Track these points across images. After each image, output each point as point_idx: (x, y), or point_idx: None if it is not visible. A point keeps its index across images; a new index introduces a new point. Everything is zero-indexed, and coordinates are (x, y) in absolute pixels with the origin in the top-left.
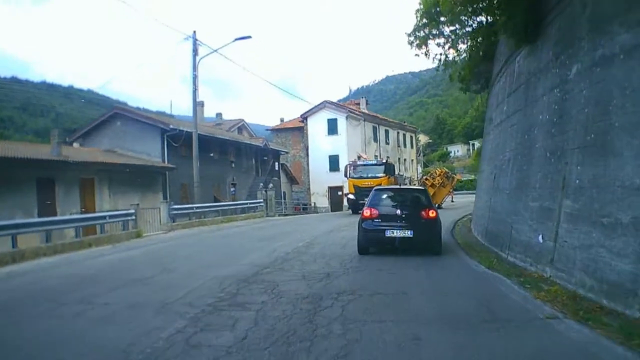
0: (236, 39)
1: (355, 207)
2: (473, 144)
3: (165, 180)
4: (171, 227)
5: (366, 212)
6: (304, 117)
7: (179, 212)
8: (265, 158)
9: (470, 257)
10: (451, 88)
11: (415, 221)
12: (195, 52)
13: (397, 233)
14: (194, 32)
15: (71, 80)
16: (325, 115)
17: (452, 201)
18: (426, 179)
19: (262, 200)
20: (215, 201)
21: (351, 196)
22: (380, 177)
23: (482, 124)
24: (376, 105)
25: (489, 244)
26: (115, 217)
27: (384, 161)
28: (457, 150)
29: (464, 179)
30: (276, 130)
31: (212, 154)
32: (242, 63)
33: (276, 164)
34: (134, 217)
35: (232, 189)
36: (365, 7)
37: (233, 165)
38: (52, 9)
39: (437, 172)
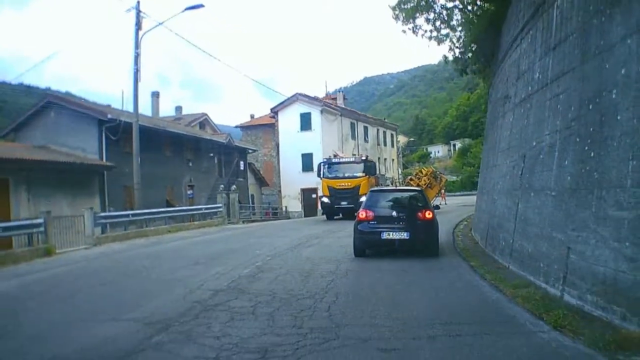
0: (186, 9)
1: (331, 212)
2: (454, 145)
3: (103, 182)
4: (98, 240)
5: (362, 213)
6: (274, 112)
7: (110, 220)
8: (230, 157)
9: (509, 298)
10: (430, 88)
11: (411, 223)
12: (138, 25)
13: (394, 235)
14: (138, 2)
15: (48, 82)
16: (297, 109)
17: (445, 203)
18: (411, 180)
19: (221, 204)
20: (168, 206)
21: (325, 199)
22: (359, 177)
23: (464, 123)
24: (354, 107)
25: (519, 269)
26: (12, 229)
27: (364, 158)
28: (438, 150)
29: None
30: (245, 128)
31: (164, 151)
32: (216, 66)
33: (242, 163)
34: (42, 229)
35: (189, 192)
36: (345, 8)
37: (190, 164)
38: (32, 12)
39: (424, 172)
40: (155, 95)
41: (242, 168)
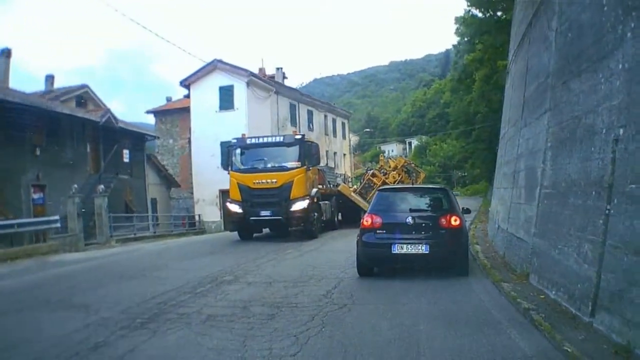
0: None
1: (245, 227)
2: (410, 142)
3: None
4: None
5: (366, 220)
6: (186, 84)
7: None
8: (119, 145)
9: None
10: (381, 89)
11: (432, 232)
12: None
13: (408, 248)
14: None
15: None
16: (216, 80)
17: None
18: (373, 175)
19: (57, 217)
20: None
21: (235, 207)
22: (292, 168)
23: (421, 119)
24: None
25: None
26: None
27: (298, 137)
28: (392, 149)
29: None
30: (160, 113)
31: None
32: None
33: (126, 152)
34: None
35: (36, 195)
36: (295, 7)
37: (39, 152)
38: None
39: (392, 164)
40: (5, 54)
41: (127, 160)
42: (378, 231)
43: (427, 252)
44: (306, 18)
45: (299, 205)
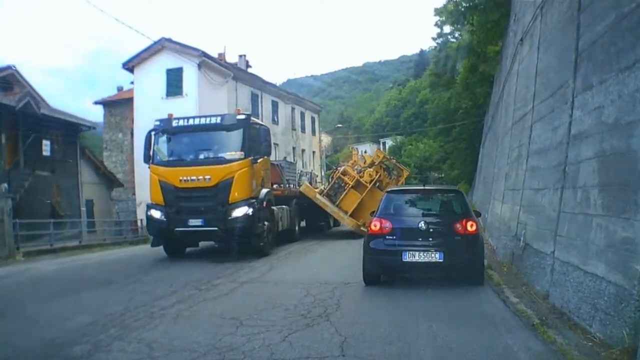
0: None
1: (168, 238)
2: (384, 143)
3: None
4: None
5: (375, 224)
6: (129, 67)
7: None
8: (44, 136)
9: None
10: (354, 90)
11: (446, 238)
12: None
13: (420, 256)
14: None
15: None
16: (164, 62)
17: None
18: (344, 173)
19: None
20: None
21: (156, 213)
22: (233, 160)
23: (395, 119)
24: None
25: None
26: None
27: (241, 117)
28: (365, 150)
29: None
30: (109, 104)
31: None
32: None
33: (46, 143)
34: None
35: None
36: (270, 7)
37: None
38: None
39: (368, 160)
40: None
41: (47, 153)
42: (387, 237)
43: (441, 260)
44: (280, 18)
45: (242, 211)
